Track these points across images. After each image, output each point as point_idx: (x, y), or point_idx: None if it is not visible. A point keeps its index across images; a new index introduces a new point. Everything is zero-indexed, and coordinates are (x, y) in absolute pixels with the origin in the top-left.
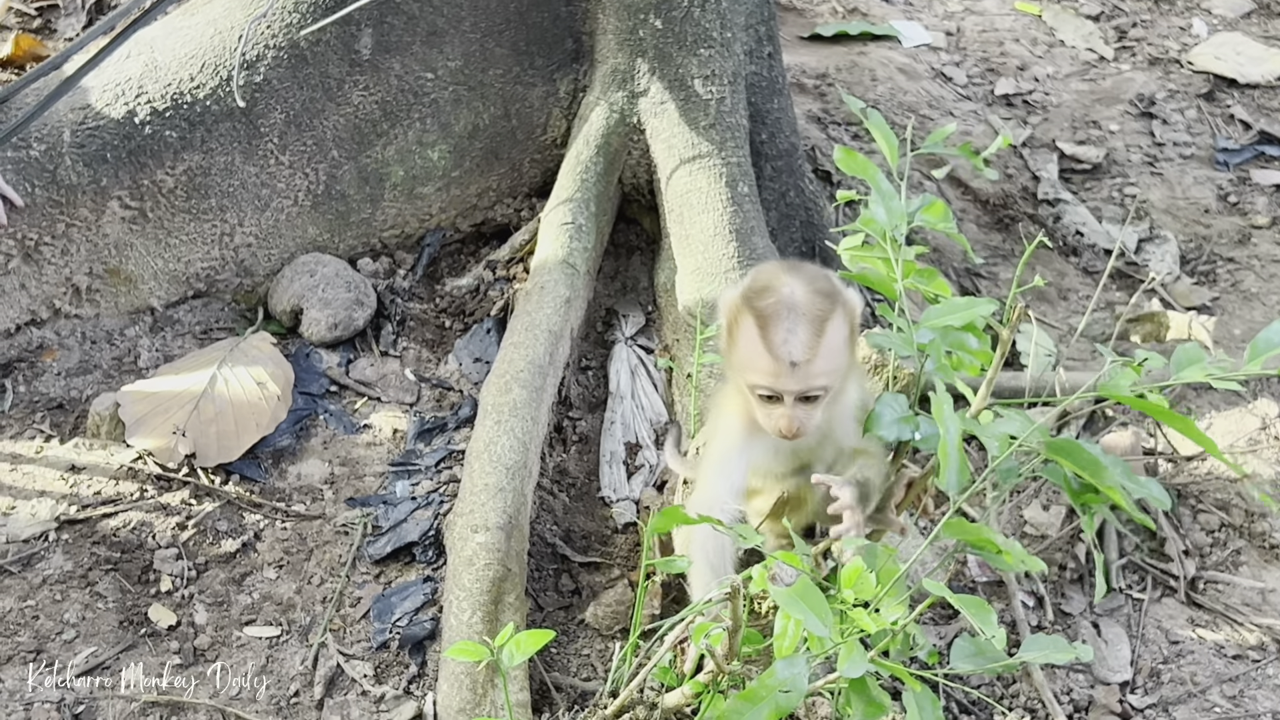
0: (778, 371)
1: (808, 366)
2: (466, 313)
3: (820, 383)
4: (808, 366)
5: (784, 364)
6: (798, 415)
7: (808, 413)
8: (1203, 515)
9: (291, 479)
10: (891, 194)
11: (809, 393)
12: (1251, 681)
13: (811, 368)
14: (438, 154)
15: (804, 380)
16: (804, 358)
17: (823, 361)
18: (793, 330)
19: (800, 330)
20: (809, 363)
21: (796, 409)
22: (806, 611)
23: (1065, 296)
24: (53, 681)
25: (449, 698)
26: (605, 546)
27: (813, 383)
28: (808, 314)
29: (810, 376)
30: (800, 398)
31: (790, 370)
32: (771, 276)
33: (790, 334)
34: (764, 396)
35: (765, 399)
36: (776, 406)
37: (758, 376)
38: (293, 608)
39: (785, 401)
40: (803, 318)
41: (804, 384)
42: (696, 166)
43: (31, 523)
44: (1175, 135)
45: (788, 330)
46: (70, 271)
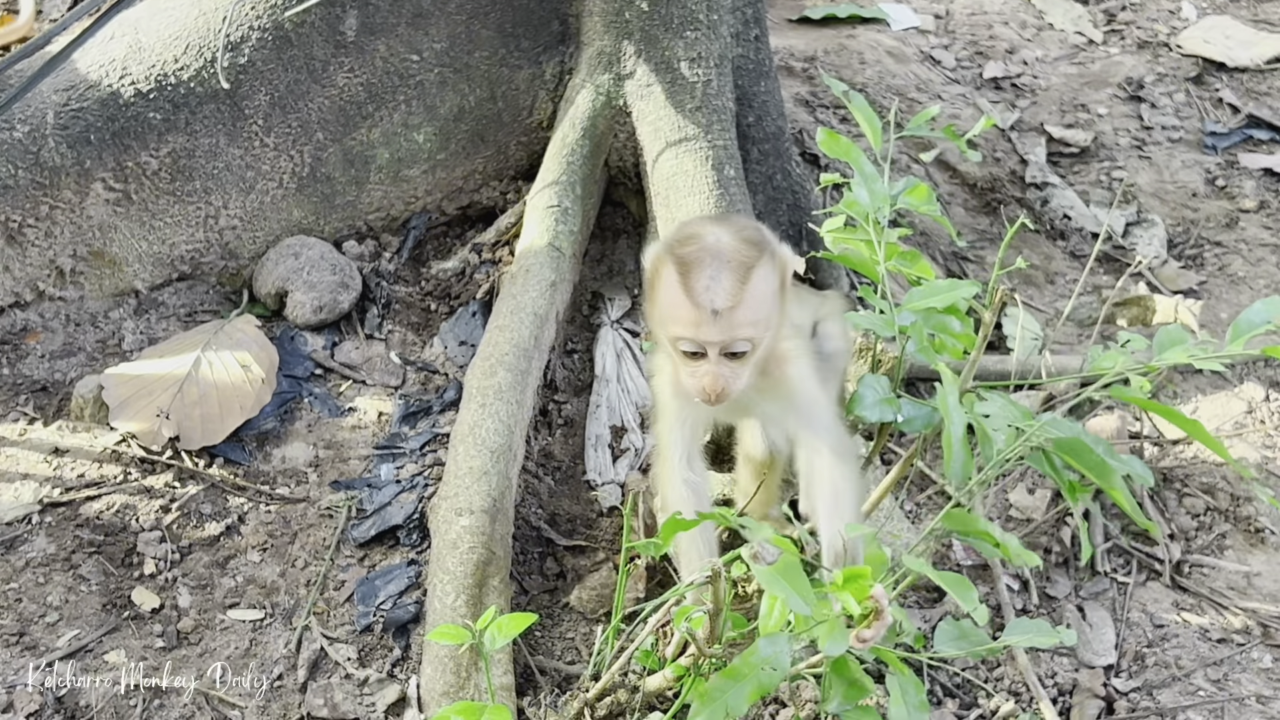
0: (699, 320)
1: (731, 315)
2: (452, 296)
3: (745, 333)
4: (731, 315)
5: (705, 312)
6: (722, 374)
7: (733, 371)
8: (1188, 499)
9: (276, 462)
10: (874, 176)
11: (733, 345)
12: (1236, 665)
13: (735, 316)
14: (423, 136)
15: (727, 330)
16: (726, 304)
17: (748, 310)
18: (715, 277)
19: (724, 277)
20: (732, 310)
21: (721, 366)
22: (788, 590)
23: (1052, 280)
24: (35, 664)
25: (432, 681)
26: (590, 530)
27: (737, 333)
28: (732, 261)
29: (734, 326)
30: (725, 352)
31: (712, 319)
32: (697, 226)
33: (713, 280)
34: (687, 353)
35: (689, 355)
36: (700, 363)
37: (679, 327)
38: (276, 591)
39: (710, 357)
40: (727, 264)
41: (727, 334)
42: (683, 149)
43: (14, 505)
44: (1163, 119)
45: (710, 277)
46: (54, 254)
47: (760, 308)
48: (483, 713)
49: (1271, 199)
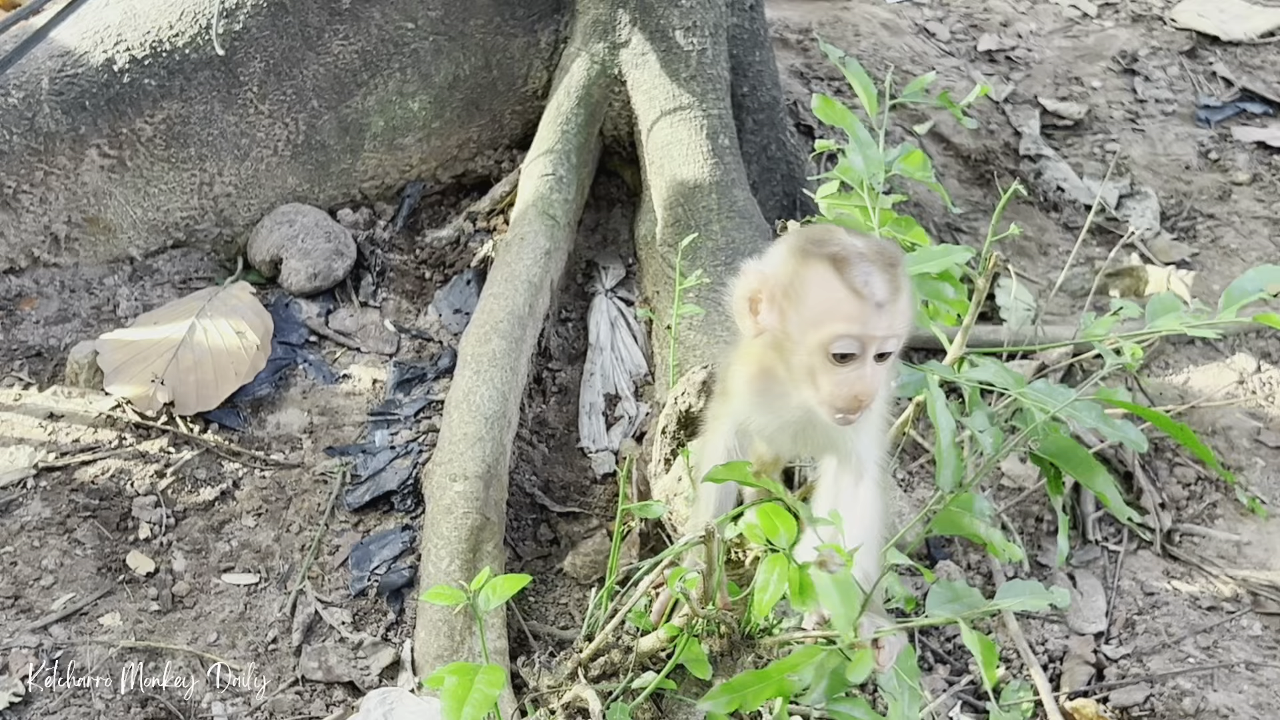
0: (864, 313)
1: (893, 307)
2: (446, 264)
3: (903, 327)
4: (893, 307)
5: (870, 304)
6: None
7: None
8: (1179, 468)
9: (270, 428)
10: (869, 143)
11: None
12: (1225, 633)
13: (895, 307)
14: (418, 104)
15: (889, 322)
16: (888, 297)
17: (903, 303)
18: (873, 272)
19: (881, 272)
20: (893, 303)
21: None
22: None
23: (1045, 252)
24: (31, 627)
25: (426, 644)
26: (584, 497)
27: (899, 325)
28: (884, 256)
29: (896, 318)
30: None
31: (876, 310)
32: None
33: (872, 274)
34: (839, 358)
35: (839, 360)
36: (850, 369)
37: (842, 324)
38: (271, 555)
39: (866, 357)
40: (877, 258)
41: (890, 327)
42: (677, 118)
43: (9, 470)
44: (1157, 92)
45: (868, 272)
46: (49, 220)
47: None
48: (477, 673)
49: (1264, 172)
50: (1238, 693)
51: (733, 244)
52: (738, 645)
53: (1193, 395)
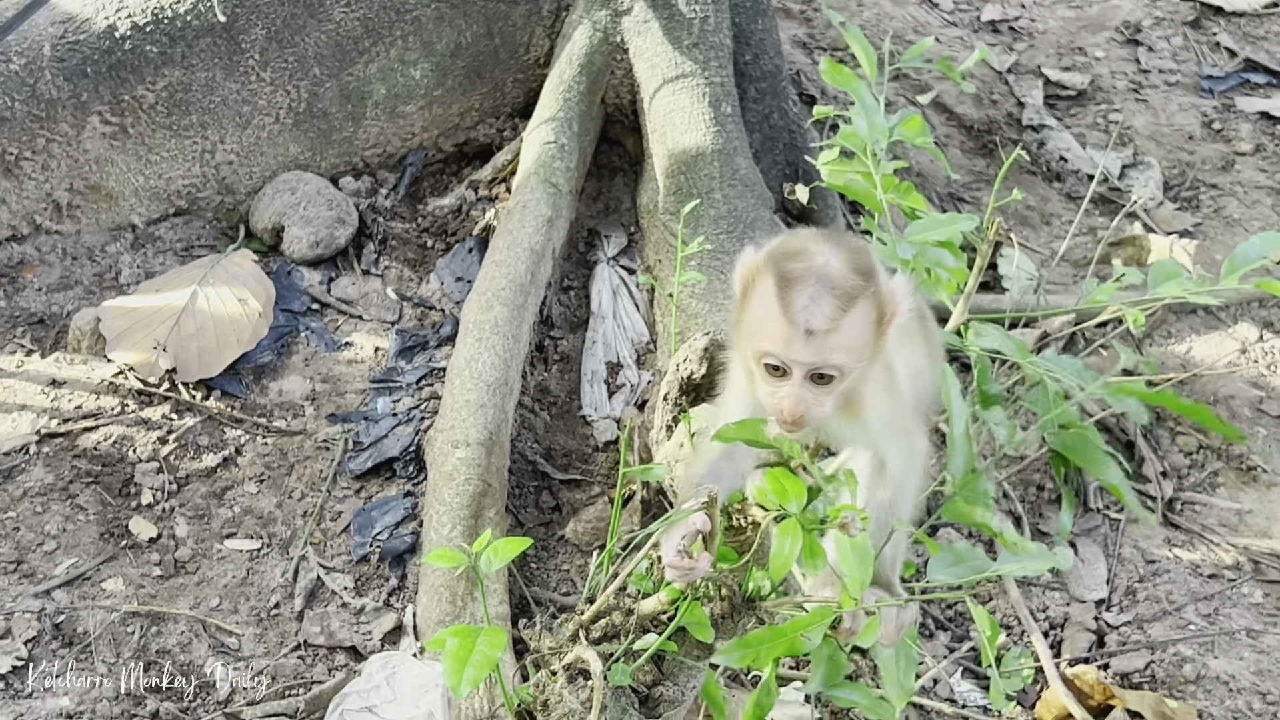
0: (790, 337)
1: (825, 338)
2: (448, 232)
3: (836, 360)
4: (825, 338)
5: (798, 330)
6: (804, 397)
7: (816, 397)
8: (1181, 437)
9: (273, 395)
10: (874, 107)
11: (821, 368)
12: (1226, 600)
13: (829, 340)
14: (420, 72)
15: (818, 352)
16: (823, 326)
17: (842, 337)
18: (816, 299)
19: (825, 300)
20: (827, 334)
21: (804, 389)
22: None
23: (1048, 221)
24: (34, 591)
25: (428, 610)
26: (586, 464)
27: (827, 357)
28: (838, 287)
29: (825, 350)
30: (811, 375)
31: (804, 338)
32: (807, 241)
33: (813, 301)
34: (770, 368)
35: (772, 371)
36: (782, 383)
37: (767, 342)
38: (273, 521)
39: (794, 378)
40: (831, 290)
41: (817, 356)
42: (680, 86)
43: (12, 436)
44: (1161, 62)
45: (810, 298)
46: (51, 187)
47: (855, 337)
48: (479, 635)
49: (1268, 142)
50: (1238, 659)
51: (735, 212)
52: (739, 608)
53: (1195, 364)
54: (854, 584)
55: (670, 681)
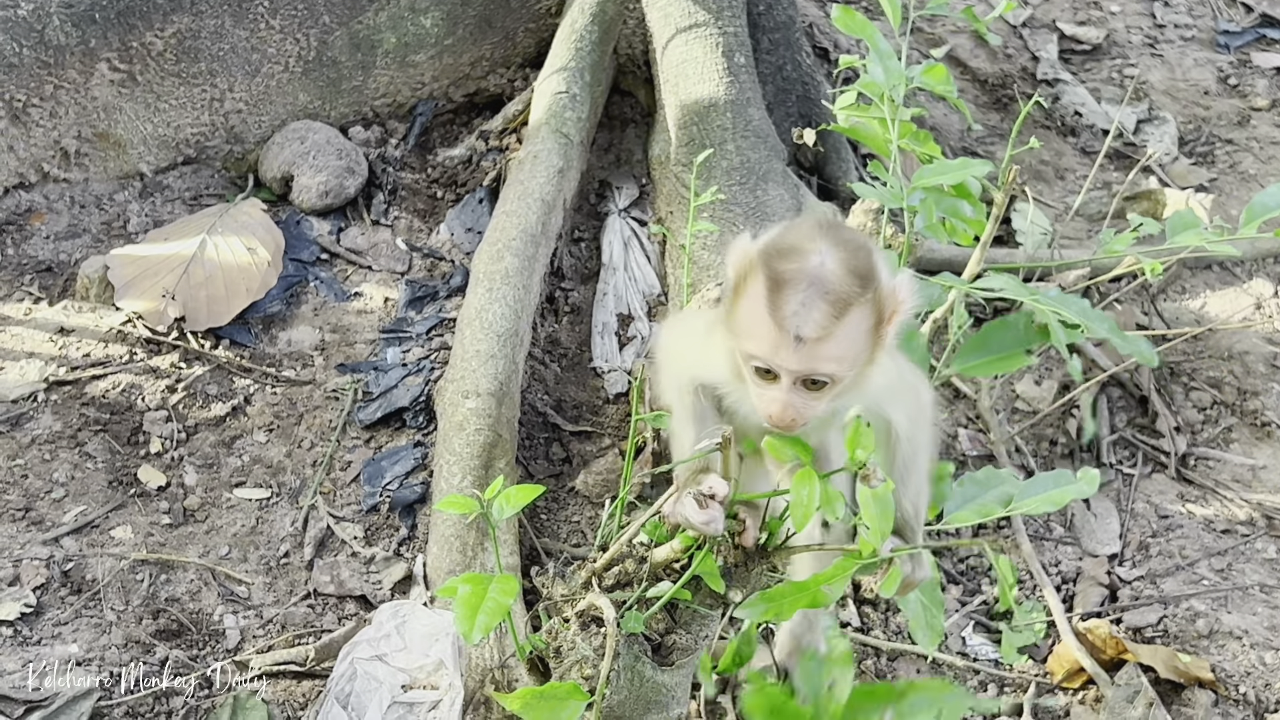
0: (779, 344)
1: (816, 346)
2: (458, 183)
3: (827, 369)
4: (816, 346)
5: (788, 336)
6: (794, 403)
7: (806, 401)
8: (1195, 392)
9: (282, 345)
10: (890, 54)
11: (812, 376)
12: (1240, 555)
13: (820, 349)
14: (430, 21)
15: (808, 361)
16: (814, 335)
17: (835, 346)
18: (808, 304)
19: (818, 306)
20: (819, 342)
21: (794, 395)
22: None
23: (1062, 176)
24: (42, 539)
25: (438, 559)
26: (596, 416)
27: (818, 366)
28: (832, 292)
29: (816, 359)
30: (802, 381)
31: (794, 345)
32: (804, 238)
33: (805, 307)
34: (760, 370)
35: (761, 374)
36: (771, 387)
37: (755, 346)
38: (283, 471)
39: (782, 383)
40: (825, 295)
41: (807, 365)
42: (693, 36)
43: (20, 383)
44: (1176, 17)
45: (802, 303)
46: (59, 134)
47: (850, 345)
48: (490, 583)
49: None
50: (1251, 615)
51: (747, 163)
52: (753, 557)
53: (1209, 319)
54: (875, 534)
55: (683, 630)
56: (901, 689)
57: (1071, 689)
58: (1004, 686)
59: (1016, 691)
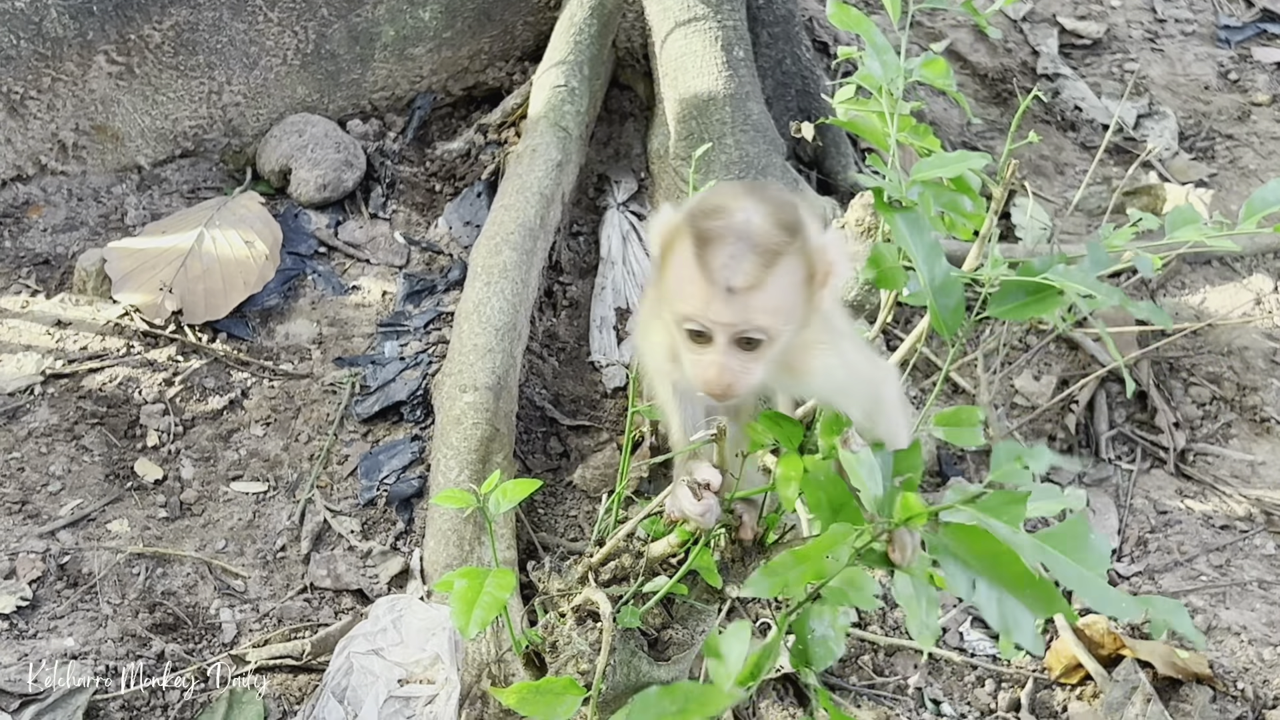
0: (710, 297)
1: (748, 297)
2: (457, 176)
3: (760, 321)
4: (748, 297)
5: (718, 289)
6: (730, 365)
7: (743, 364)
8: (1194, 388)
9: (279, 338)
10: (886, 47)
11: (746, 331)
12: (1238, 551)
13: (753, 299)
14: (429, 14)
15: (740, 312)
16: (745, 284)
17: (767, 297)
18: (737, 256)
19: (747, 258)
20: (750, 292)
21: (729, 356)
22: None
23: (1062, 171)
24: (38, 532)
25: (435, 553)
26: (594, 410)
27: (751, 318)
28: (760, 243)
29: (749, 310)
30: (736, 340)
31: (725, 297)
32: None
33: (733, 259)
34: (693, 334)
35: (694, 337)
36: (706, 350)
37: (686, 304)
38: (280, 464)
39: (717, 343)
40: (753, 247)
41: (740, 316)
42: (692, 29)
43: (17, 376)
44: (1177, 12)
45: (731, 255)
46: (56, 127)
47: (782, 297)
48: (486, 577)
49: None
50: (1250, 610)
51: (746, 157)
52: (750, 552)
53: (1209, 315)
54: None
55: (680, 625)
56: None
57: (1069, 684)
58: (1002, 682)
59: (1014, 687)
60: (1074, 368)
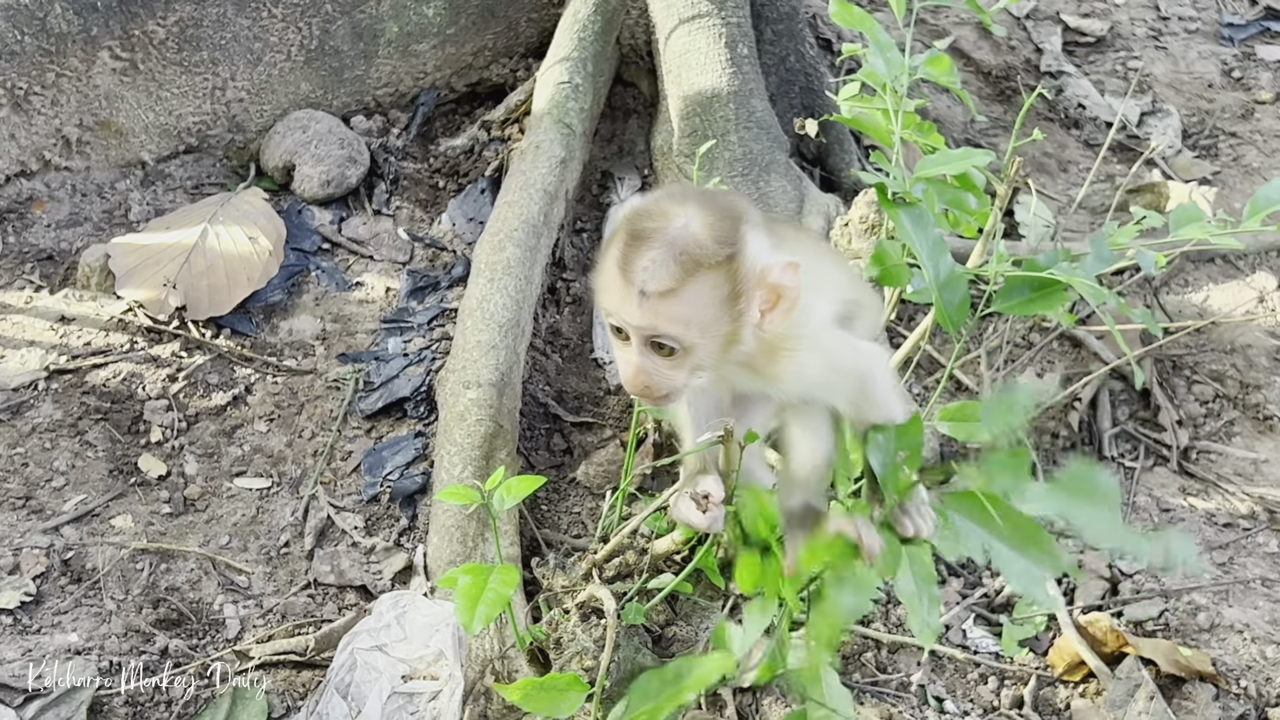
0: (625, 297)
1: (659, 303)
2: (460, 173)
3: (668, 329)
4: (659, 303)
5: (633, 290)
6: (645, 366)
7: (658, 367)
8: (1197, 386)
9: (283, 334)
10: (889, 45)
11: (656, 336)
12: (1241, 549)
13: (664, 306)
14: (433, 10)
15: (650, 316)
16: (656, 290)
17: (679, 306)
18: (658, 261)
19: (667, 264)
20: (662, 298)
21: (645, 358)
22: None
23: (1065, 169)
24: (42, 528)
25: (439, 550)
26: (597, 407)
27: (658, 324)
28: (686, 252)
29: (658, 316)
30: (651, 343)
31: (639, 300)
32: (674, 202)
33: (653, 264)
34: (615, 330)
35: (616, 333)
36: (625, 348)
37: (606, 299)
38: (283, 460)
39: (632, 342)
40: (677, 254)
41: (649, 321)
42: (696, 26)
43: (21, 371)
44: (1180, 9)
45: (652, 260)
46: (60, 123)
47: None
48: (491, 573)
49: None
50: (1253, 608)
51: (750, 155)
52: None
53: (1212, 313)
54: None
55: (683, 621)
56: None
57: (1072, 682)
58: (1005, 679)
59: (1017, 684)
60: (1077, 365)
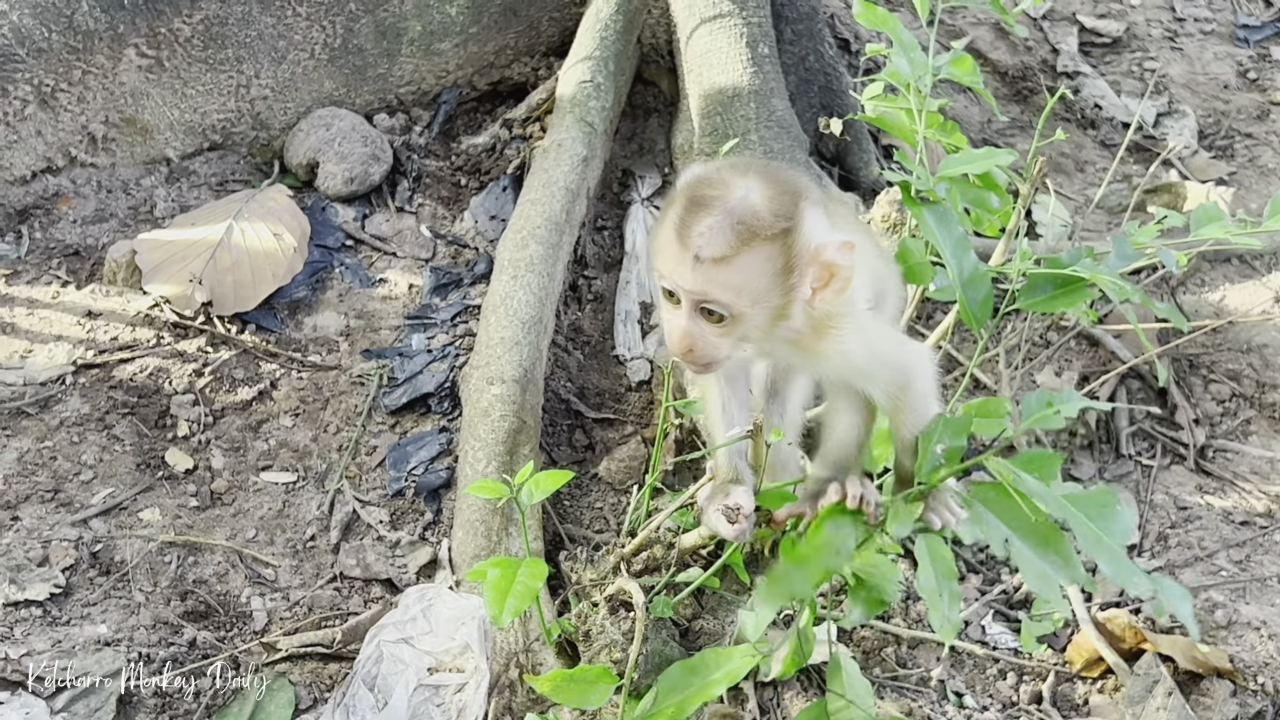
0: (679, 260)
1: (712, 269)
2: (482, 171)
3: (720, 295)
4: (712, 269)
5: (688, 254)
6: (693, 331)
7: (705, 333)
8: (1214, 385)
9: (307, 330)
10: (913, 44)
11: (705, 300)
12: (1258, 547)
13: (717, 273)
14: (455, 9)
15: (703, 282)
16: (711, 256)
17: (732, 274)
18: (715, 228)
19: (724, 233)
20: (716, 265)
21: (693, 322)
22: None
23: (1082, 169)
24: (71, 520)
25: (464, 544)
26: (619, 404)
27: (710, 290)
28: (743, 221)
29: (711, 281)
30: (700, 308)
31: (693, 265)
32: (731, 172)
33: (710, 230)
34: (667, 292)
35: (668, 296)
36: (675, 311)
37: (660, 261)
38: (309, 455)
39: (682, 305)
40: (734, 223)
41: (701, 285)
42: (717, 26)
43: (49, 366)
44: (1196, 10)
45: (709, 226)
46: (86, 119)
47: (749, 277)
48: (519, 566)
49: None
50: (1270, 605)
51: (771, 153)
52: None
53: (1228, 312)
54: None
55: (710, 615)
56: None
57: (1091, 678)
58: (1024, 675)
59: (1036, 680)
60: (1094, 364)
